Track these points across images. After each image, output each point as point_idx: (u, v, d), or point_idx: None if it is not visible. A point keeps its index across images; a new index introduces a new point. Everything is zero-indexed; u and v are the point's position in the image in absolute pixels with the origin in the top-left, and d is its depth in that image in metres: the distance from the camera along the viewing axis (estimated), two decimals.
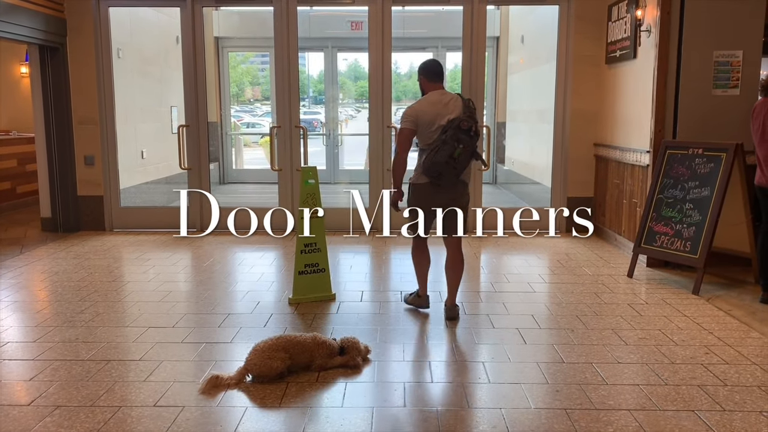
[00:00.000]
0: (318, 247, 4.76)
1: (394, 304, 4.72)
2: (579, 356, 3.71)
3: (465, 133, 4.07)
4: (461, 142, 4.05)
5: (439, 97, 4.23)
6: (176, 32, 7.49)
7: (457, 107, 4.17)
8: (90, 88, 7.19)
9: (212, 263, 5.92)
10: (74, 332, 4.09)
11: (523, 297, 4.88)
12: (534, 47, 9.64)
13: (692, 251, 5.02)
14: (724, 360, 3.66)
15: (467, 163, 4.16)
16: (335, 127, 12.09)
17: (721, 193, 4.93)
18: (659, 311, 4.52)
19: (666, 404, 3.11)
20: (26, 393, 3.25)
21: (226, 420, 2.98)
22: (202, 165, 7.41)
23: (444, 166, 4.07)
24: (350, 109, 13.85)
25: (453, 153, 4.04)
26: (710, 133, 5.40)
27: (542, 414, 3.03)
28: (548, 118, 7.58)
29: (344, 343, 3.60)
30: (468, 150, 4.09)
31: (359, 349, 3.62)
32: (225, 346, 3.91)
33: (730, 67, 5.43)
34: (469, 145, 4.09)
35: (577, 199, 7.19)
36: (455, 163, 4.07)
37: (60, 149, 7.23)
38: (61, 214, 7.34)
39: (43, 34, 6.75)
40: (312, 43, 11.93)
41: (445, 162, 4.06)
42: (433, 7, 10.96)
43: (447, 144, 4.06)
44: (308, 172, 4.74)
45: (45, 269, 5.70)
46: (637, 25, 5.86)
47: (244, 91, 15.43)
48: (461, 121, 4.07)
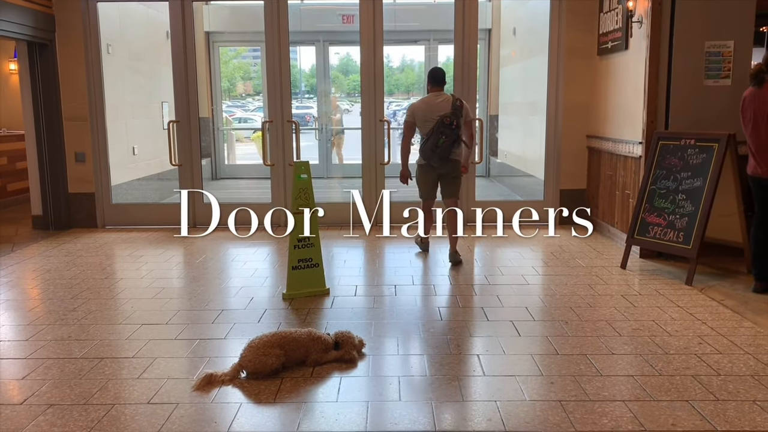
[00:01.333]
0: (311, 242, 4.75)
1: (388, 298, 4.72)
2: (573, 348, 3.72)
3: (447, 127, 5.32)
4: (444, 134, 5.31)
5: (434, 98, 5.49)
6: (166, 27, 7.43)
7: (447, 106, 5.38)
8: (80, 85, 7.14)
9: (205, 259, 5.90)
10: (67, 330, 4.07)
11: (517, 289, 4.88)
12: (526, 39, 9.63)
13: (685, 242, 5.03)
14: (717, 350, 3.67)
15: (450, 149, 5.38)
16: (328, 121, 12.06)
17: (714, 184, 4.94)
18: (653, 302, 4.54)
19: (660, 394, 3.12)
20: (19, 392, 3.23)
21: (220, 416, 2.97)
22: (194, 161, 7.37)
23: (431, 152, 5.39)
24: (345, 103, 13.82)
25: (437, 142, 5.33)
26: (702, 124, 5.41)
27: (537, 406, 3.03)
28: (541, 111, 7.58)
29: (339, 338, 3.60)
30: (450, 139, 5.34)
31: (353, 343, 3.61)
32: (219, 343, 3.89)
33: (722, 57, 5.43)
34: (450, 135, 5.33)
35: (570, 191, 7.20)
36: (439, 150, 5.36)
37: (50, 146, 7.17)
38: (53, 212, 7.30)
39: (31, 31, 6.68)
40: (303, 37, 11.88)
41: (431, 149, 5.38)
42: (425, 0, 10.93)
43: (434, 135, 5.35)
44: (301, 167, 4.72)
45: (37, 267, 5.66)
46: (629, 16, 5.86)
47: (236, 86, 15.35)
48: (445, 117, 5.32)
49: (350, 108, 13.87)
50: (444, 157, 5.37)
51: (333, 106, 12.01)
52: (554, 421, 2.88)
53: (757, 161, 4.65)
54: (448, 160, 5.41)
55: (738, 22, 5.40)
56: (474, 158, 6.68)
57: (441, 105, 5.39)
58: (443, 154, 5.36)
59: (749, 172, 4.76)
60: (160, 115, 9.28)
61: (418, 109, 5.51)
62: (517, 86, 10.25)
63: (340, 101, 13.28)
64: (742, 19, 5.40)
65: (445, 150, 5.32)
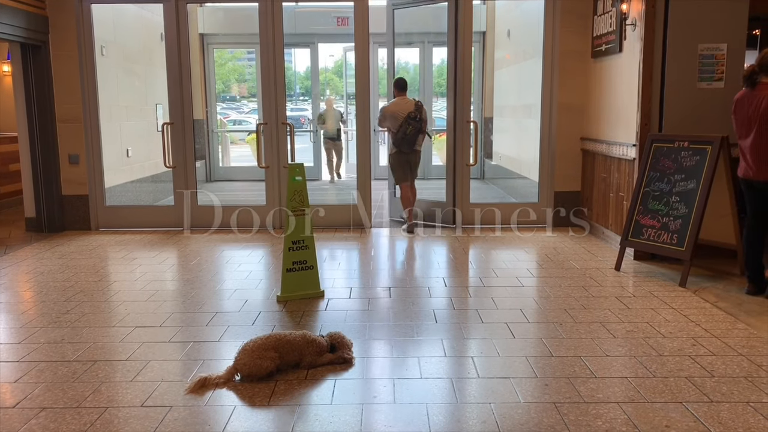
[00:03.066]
0: (306, 244, 4.74)
1: (382, 300, 4.72)
2: (567, 350, 3.72)
3: (413, 120, 6.93)
4: (410, 125, 6.92)
5: (401, 101, 7.06)
6: (160, 29, 7.41)
7: (411, 106, 6.98)
8: (73, 86, 7.11)
9: (199, 262, 5.88)
10: (60, 333, 4.05)
11: (511, 291, 4.89)
12: (520, 42, 9.66)
13: (679, 244, 5.05)
14: (711, 351, 3.68)
15: (416, 137, 6.98)
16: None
17: (707, 186, 4.96)
18: (647, 304, 4.55)
19: (654, 396, 3.13)
20: (11, 395, 3.21)
21: (214, 419, 2.96)
22: (188, 163, 7.35)
23: (401, 140, 6.97)
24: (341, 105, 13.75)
25: (406, 131, 6.93)
26: (696, 126, 5.44)
27: (531, 408, 3.03)
28: (535, 113, 7.59)
29: (333, 340, 3.60)
30: (415, 129, 6.94)
31: (346, 343, 3.62)
32: (213, 345, 3.88)
33: (715, 60, 5.46)
34: (415, 126, 6.92)
35: (564, 193, 7.21)
36: (408, 138, 6.95)
37: (44, 148, 7.14)
38: (46, 214, 7.26)
39: (24, 32, 6.66)
40: (298, 39, 11.87)
41: (401, 138, 6.96)
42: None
43: (402, 127, 6.94)
44: (295, 169, 4.71)
45: (30, 270, 5.63)
46: (623, 18, 5.88)
47: (231, 88, 15.34)
48: (410, 113, 6.93)
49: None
50: (411, 143, 6.99)
51: (328, 108, 11.77)
52: (549, 423, 2.88)
53: (748, 164, 4.66)
54: (413, 149, 7.05)
55: (731, 25, 5.43)
56: (468, 160, 7.33)
57: (406, 106, 7.00)
58: (411, 141, 6.97)
59: (740, 175, 4.76)
60: (154, 117, 9.26)
61: (388, 110, 7.09)
62: (511, 89, 10.27)
63: (337, 104, 12.99)
64: (735, 22, 5.43)
65: (411, 137, 6.96)
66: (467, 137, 7.30)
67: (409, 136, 6.93)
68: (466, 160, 7.29)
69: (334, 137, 11.64)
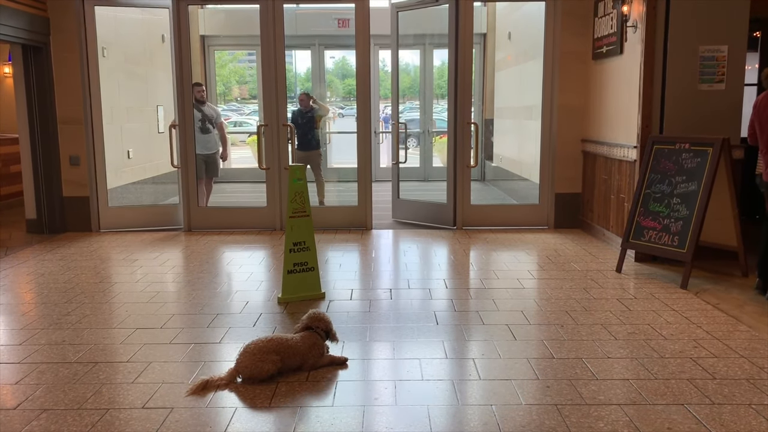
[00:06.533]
0: (307, 245, 4.74)
1: (383, 302, 4.71)
2: (569, 351, 3.72)
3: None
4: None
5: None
6: (162, 31, 7.42)
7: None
8: (74, 88, 7.11)
9: (200, 263, 5.88)
10: (61, 334, 4.05)
11: (512, 293, 4.88)
12: (521, 44, 9.66)
13: (680, 245, 5.04)
14: (712, 353, 3.68)
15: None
16: (323, 125, 12.03)
17: (708, 188, 4.95)
18: (648, 306, 4.54)
19: (656, 398, 3.13)
20: (12, 396, 3.21)
21: (215, 421, 2.96)
22: (189, 164, 7.35)
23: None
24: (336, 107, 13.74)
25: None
26: (697, 128, 5.44)
27: (533, 410, 3.03)
28: (536, 115, 7.59)
29: (312, 323, 3.60)
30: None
31: (326, 320, 3.64)
32: (214, 347, 3.88)
33: (716, 61, 5.46)
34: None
35: (565, 195, 7.21)
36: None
37: (45, 150, 7.15)
38: (47, 216, 7.26)
39: (26, 34, 6.66)
40: (299, 41, 11.88)
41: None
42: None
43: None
44: (296, 171, 4.71)
45: (31, 271, 5.63)
46: (624, 20, 5.88)
47: (231, 90, 15.34)
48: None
49: (342, 112, 13.71)
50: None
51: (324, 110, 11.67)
52: (550, 425, 2.88)
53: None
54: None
55: (732, 26, 5.43)
56: (469, 162, 7.16)
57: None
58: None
59: (765, 179, 4.73)
60: (155, 118, 9.26)
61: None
62: (512, 90, 10.27)
63: (332, 104, 12.88)
64: (736, 23, 5.43)
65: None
66: (468, 139, 7.30)
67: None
68: (467, 161, 7.30)
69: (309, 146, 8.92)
